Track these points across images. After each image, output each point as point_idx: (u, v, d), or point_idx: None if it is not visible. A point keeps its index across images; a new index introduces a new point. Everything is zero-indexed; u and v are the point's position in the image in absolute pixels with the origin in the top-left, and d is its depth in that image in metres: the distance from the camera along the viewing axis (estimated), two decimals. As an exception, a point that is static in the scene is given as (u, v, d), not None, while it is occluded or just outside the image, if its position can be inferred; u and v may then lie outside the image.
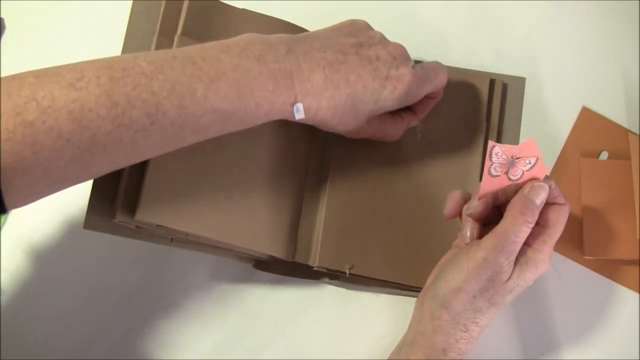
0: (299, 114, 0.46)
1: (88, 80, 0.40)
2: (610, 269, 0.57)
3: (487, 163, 0.46)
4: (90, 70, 0.40)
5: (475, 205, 0.48)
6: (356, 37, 0.48)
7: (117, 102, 0.40)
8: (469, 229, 0.48)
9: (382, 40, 0.49)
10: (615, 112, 0.60)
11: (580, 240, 0.57)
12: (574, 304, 0.57)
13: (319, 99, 0.46)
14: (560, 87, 0.61)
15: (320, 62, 0.45)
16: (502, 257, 0.45)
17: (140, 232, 0.50)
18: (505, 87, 0.59)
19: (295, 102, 0.45)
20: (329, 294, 0.56)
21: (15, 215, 0.56)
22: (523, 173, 0.47)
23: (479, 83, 0.57)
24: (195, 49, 0.44)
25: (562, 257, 0.58)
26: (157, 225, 0.48)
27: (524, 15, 0.62)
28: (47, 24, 0.60)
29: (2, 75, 0.41)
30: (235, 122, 0.45)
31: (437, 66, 0.52)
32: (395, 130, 0.53)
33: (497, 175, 0.47)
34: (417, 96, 0.49)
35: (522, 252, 0.46)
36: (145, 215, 0.47)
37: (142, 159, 0.44)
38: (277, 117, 0.46)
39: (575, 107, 0.60)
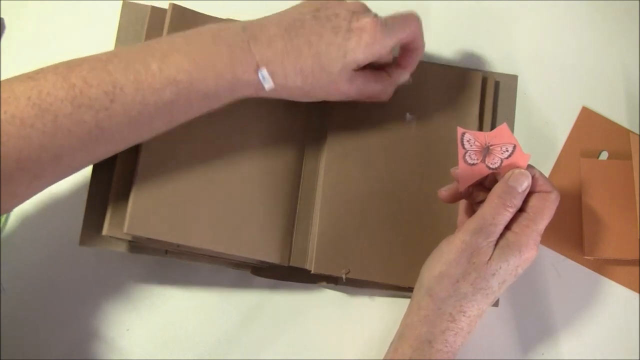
0: (267, 83, 0.46)
1: (46, 72, 0.43)
2: (610, 269, 0.57)
3: (460, 151, 0.46)
4: (49, 67, 0.43)
5: (445, 189, 0.49)
6: (312, 6, 0.48)
7: (73, 83, 0.42)
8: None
9: (340, 2, 0.49)
10: (616, 112, 0.60)
11: (580, 240, 0.57)
12: (574, 304, 0.57)
13: (284, 63, 0.46)
14: (560, 87, 0.61)
15: (277, 32, 0.46)
16: (479, 238, 0.45)
17: (134, 246, 0.50)
18: (497, 85, 0.59)
19: (258, 68, 0.46)
20: (327, 296, 0.56)
21: (16, 216, 0.56)
22: (502, 161, 0.47)
23: (471, 81, 0.57)
24: (155, 39, 0.46)
25: (562, 257, 0.58)
26: (148, 238, 0.48)
27: (524, 15, 0.62)
28: (47, 23, 0.60)
29: (2, 76, 0.42)
30: (199, 96, 0.45)
31: (404, 14, 0.50)
32: (382, 88, 0.52)
33: (474, 164, 0.47)
34: (386, 44, 0.48)
35: (503, 236, 0.46)
36: (134, 228, 0.47)
37: (118, 146, 0.45)
38: (245, 90, 0.46)
39: (575, 107, 0.60)
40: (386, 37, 0.48)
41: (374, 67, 0.51)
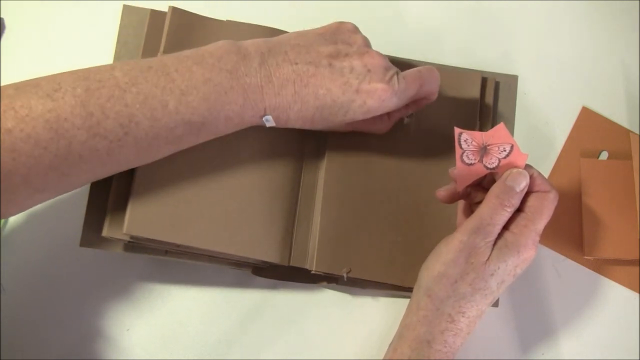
0: (270, 124, 0.47)
1: (64, 91, 0.42)
2: (610, 269, 0.58)
3: (458, 151, 0.47)
4: (67, 82, 0.42)
5: (443, 189, 0.49)
6: (334, 45, 0.48)
7: (92, 112, 0.42)
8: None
9: (361, 48, 0.48)
10: (615, 112, 0.60)
11: (580, 240, 0.57)
12: (574, 303, 0.57)
13: (288, 112, 0.47)
14: (560, 87, 0.61)
15: (290, 76, 0.46)
16: (477, 238, 0.45)
17: (134, 247, 0.50)
18: (497, 85, 0.59)
19: (264, 115, 0.47)
20: (327, 296, 0.56)
21: (16, 217, 0.56)
22: (500, 161, 0.47)
23: (471, 81, 0.57)
24: (171, 59, 0.45)
25: (562, 257, 0.58)
26: (147, 238, 0.48)
27: (524, 15, 0.62)
28: (47, 24, 0.60)
29: (2, 76, 0.42)
30: (207, 132, 0.46)
31: (424, 74, 0.49)
32: (380, 126, 0.53)
33: (471, 164, 0.47)
34: (391, 106, 0.48)
35: (501, 236, 0.46)
36: (134, 229, 0.47)
37: (121, 168, 0.46)
38: (248, 126, 0.48)
39: (575, 107, 0.61)
40: (392, 101, 0.48)
41: None
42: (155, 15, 0.53)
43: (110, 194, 0.49)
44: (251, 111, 0.46)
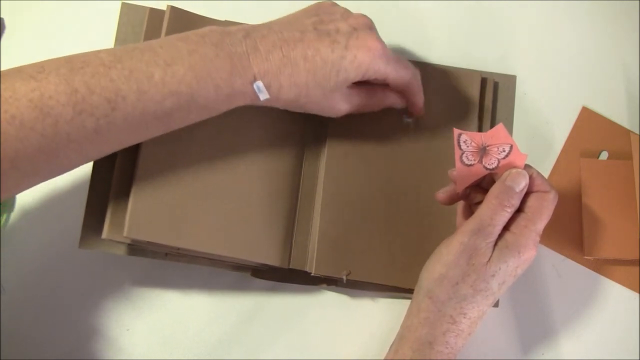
0: (262, 94, 0.46)
1: (48, 72, 0.42)
2: (610, 269, 0.57)
3: (457, 152, 0.46)
4: (50, 65, 0.42)
5: (442, 191, 0.50)
6: (317, 16, 0.49)
7: (76, 88, 0.42)
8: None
9: (345, 14, 0.49)
10: (616, 112, 0.60)
11: (580, 240, 0.57)
12: (574, 304, 0.57)
13: (279, 77, 0.46)
14: (560, 87, 0.61)
15: (277, 42, 0.46)
16: (478, 239, 0.45)
17: (134, 249, 0.50)
18: (496, 86, 0.59)
19: (255, 80, 0.46)
20: (327, 297, 0.56)
21: (16, 217, 0.56)
22: (499, 161, 0.47)
23: (470, 82, 0.57)
24: (156, 40, 0.46)
25: (562, 257, 0.58)
26: (147, 242, 0.48)
27: (524, 15, 0.62)
28: (47, 23, 0.60)
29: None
30: (198, 107, 0.46)
31: (405, 62, 0.51)
32: (375, 103, 0.52)
33: (471, 165, 0.47)
34: (380, 71, 0.48)
35: (501, 236, 0.46)
36: (134, 232, 0.47)
37: (113, 148, 0.45)
38: (241, 100, 0.47)
39: (575, 107, 0.60)
40: (383, 59, 0.48)
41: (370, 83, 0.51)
42: (154, 13, 0.53)
43: (110, 196, 0.49)
44: (240, 78, 0.45)
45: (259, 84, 0.46)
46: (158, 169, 0.48)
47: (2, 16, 0.59)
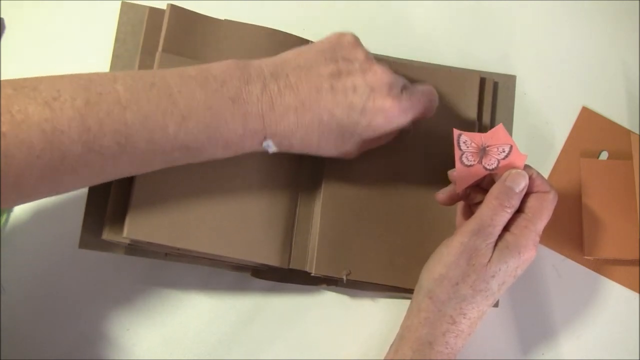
0: (271, 149, 0.46)
1: (64, 101, 0.40)
2: (610, 269, 0.58)
3: (457, 152, 0.47)
4: (67, 90, 0.41)
5: (442, 191, 0.50)
6: (335, 63, 0.46)
7: (89, 127, 0.41)
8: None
9: (364, 64, 0.46)
10: (615, 112, 0.60)
11: (580, 240, 0.57)
12: (574, 304, 0.57)
13: (290, 139, 0.46)
14: (560, 87, 0.61)
15: (292, 104, 0.45)
16: (478, 240, 0.45)
17: (134, 249, 0.50)
18: (496, 86, 0.58)
19: (265, 140, 0.46)
20: (327, 297, 0.56)
21: (16, 217, 0.56)
22: (499, 162, 0.47)
23: (469, 82, 0.57)
24: (175, 79, 0.44)
25: (562, 257, 0.58)
26: (147, 242, 0.48)
27: (524, 15, 0.62)
28: (47, 23, 0.60)
29: (2, 76, 0.41)
30: (205, 158, 0.46)
31: (425, 91, 0.49)
32: (384, 140, 0.52)
33: (471, 165, 0.47)
34: (398, 125, 0.48)
35: (502, 237, 0.46)
36: (134, 232, 0.47)
37: (112, 179, 0.45)
38: (248, 152, 0.46)
39: (575, 107, 0.60)
40: (400, 118, 0.47)
41: None
42: (154, 12, 0.53)
43: (110, 197, 0.49)
44: (250, 140, 0.45)
45: (269, 142, 0.46)
46: (158, 170, 0.48)
47: (2, 16, 0.59)
